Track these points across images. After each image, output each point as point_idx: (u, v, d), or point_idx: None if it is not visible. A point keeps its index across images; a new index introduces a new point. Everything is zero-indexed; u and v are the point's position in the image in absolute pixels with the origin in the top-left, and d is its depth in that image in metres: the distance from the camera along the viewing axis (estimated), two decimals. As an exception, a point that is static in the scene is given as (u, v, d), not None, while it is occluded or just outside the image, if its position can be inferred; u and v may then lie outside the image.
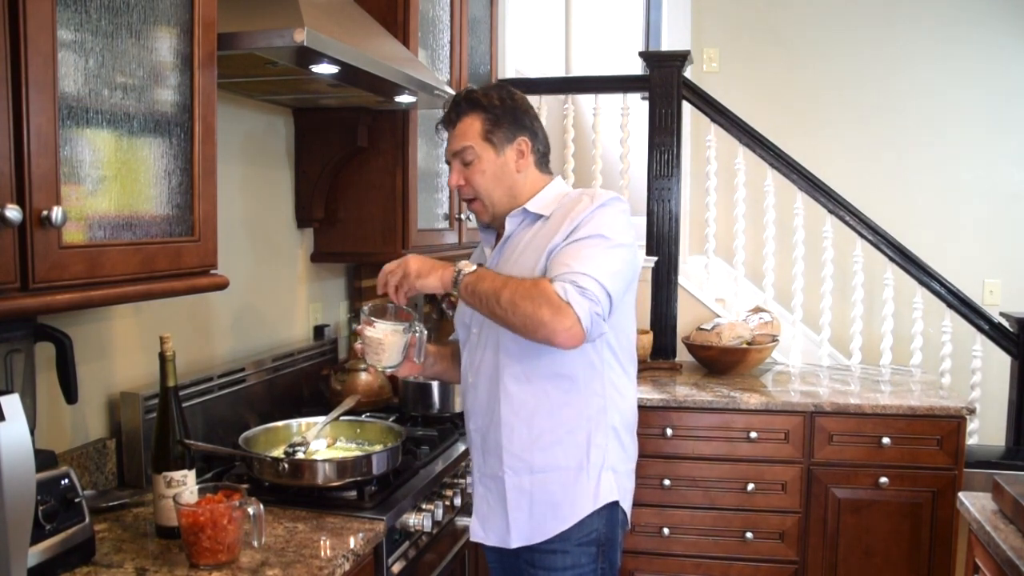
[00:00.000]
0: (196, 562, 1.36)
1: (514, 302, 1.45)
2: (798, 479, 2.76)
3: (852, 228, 3.37)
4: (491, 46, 3.21)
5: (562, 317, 1.43)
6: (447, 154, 1.68)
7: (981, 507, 1.76)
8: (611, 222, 1.54)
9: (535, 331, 1.45)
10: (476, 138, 1.62)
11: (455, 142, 1.64)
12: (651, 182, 3.30)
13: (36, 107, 1.06)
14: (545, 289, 1.45)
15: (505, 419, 1.61)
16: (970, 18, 4.18)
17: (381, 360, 1.60)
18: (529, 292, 1.45)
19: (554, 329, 1.43)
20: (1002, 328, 3.33)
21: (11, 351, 1.32)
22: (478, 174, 1.62)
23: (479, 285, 1.51)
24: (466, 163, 1.63)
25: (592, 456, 1.61)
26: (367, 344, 1.59)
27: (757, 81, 4.34)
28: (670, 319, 3.32)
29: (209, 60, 1.42)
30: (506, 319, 1.48)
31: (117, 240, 1.24)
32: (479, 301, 1.51)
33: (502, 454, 1.62)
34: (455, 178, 1.65)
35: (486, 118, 1.62)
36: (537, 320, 1.44)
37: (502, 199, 1.65)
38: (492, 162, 1.63)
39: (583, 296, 1.44)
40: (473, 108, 1.63)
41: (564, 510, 1.60)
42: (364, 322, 1.58)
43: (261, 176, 2.29)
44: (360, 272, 2.78)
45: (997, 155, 4.21)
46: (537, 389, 1.59)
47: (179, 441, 1.51)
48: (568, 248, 1.52)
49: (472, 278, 1.52)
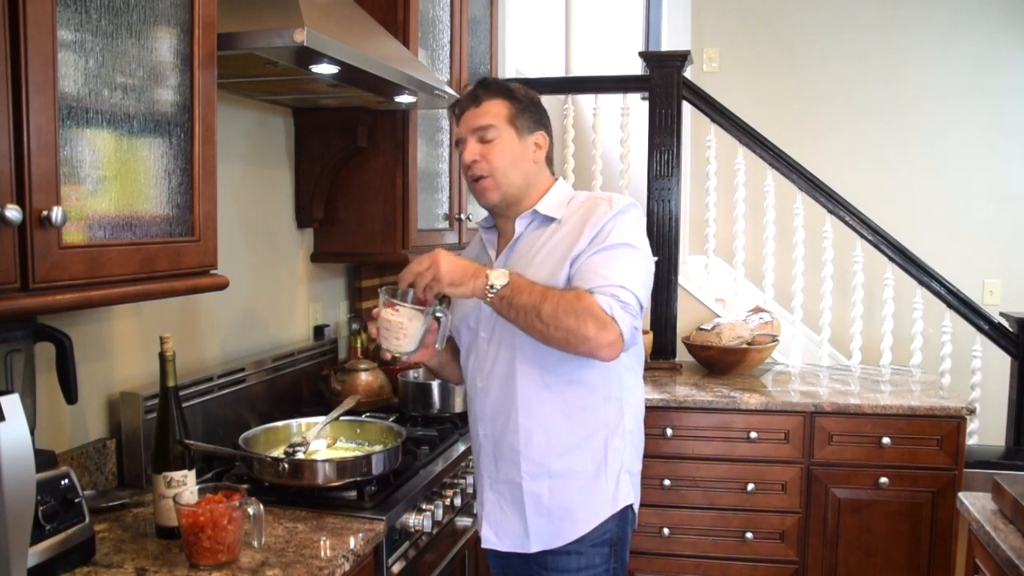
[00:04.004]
0: (196, 562, 1.36)
1: (557, 316, 1.43)
2: (798, 479, 2.76)
3: (852, 228, 3.37)
4: (491, 46, 3.21)
5: (607, 332, 1.44)
6: (463, 131, 1.63)
7: (981, 507, 1.76)
8: (634, 230, 1.56)
9: (577, 346, 1.45)
10: (501, 120, 1.61)
11: (477, 119, 1.61)
12: (651, 182, 3.30)
13: (36, 107, 1.05)
14: (590, 304, 1.44)
15: (523, 425, 1.59)
16: (969, 20, 4.19)
17: (401, 344, 1.52)
18: (573, 307, 1.44)
19: (599, 344, 1.44)
20: (1002, 328, 3.33)
21: (11, 351, 1.32)
22: (498, 152, 1.60)
23: (517, 298, 1.46)
24: (485, 141, 1.60)
25: (610, 460, 1.61)
26: (385, 327, 1.51)
27: (757, 81, 4.35)
28: (670, 319, 3.31)
29: (209, 60, 1.42)
30: (545, 333, 1.45)
31: (117, 240, 1.24)
32: (515, 313, 1.47)
33: (519, 460, 1.61)
34: (471, 152, 1.60)
35: (512, 104, 1.63)
36: (581, 335, 1.43)
37: (515, 182, 1.62)
38: (513, 144, 1.62)
39: (625, 311, 1.46)
40: (500, 93, 1.63)
41: (583, 514, 1.60)
42: (384, 304, 1.51)
43: (261, 176, 2.29)
44: (360, 272, 2.78)
45: (997, 155, 4.21)
46: (555, 395, 1.58)
47: (179, 441, 1.51)
48: (598, 257, 1.51)
49: (508, 291, 1.46)
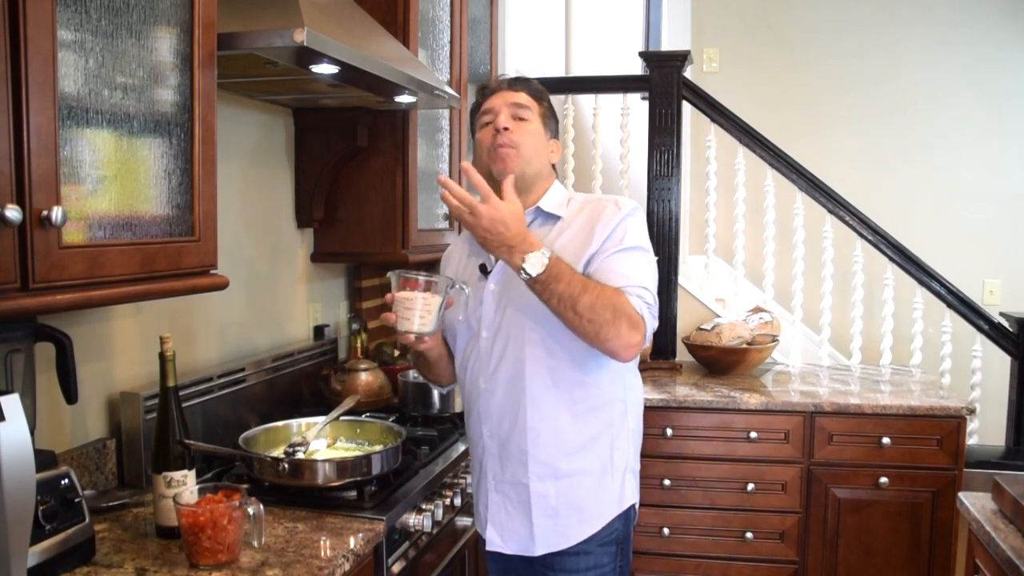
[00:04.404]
0: (196, 562, 1.36)
1: (595, 310, 1.44)
2: (798, 479, 2.76)
3: (852, 228, 3.37)
4: (491, 46, 3.21)
5: (636, 333, 1.47)
6: (497, 103, 1.62)
7: (981, 507, 1.76)
8: (643, 233, 1.60)
9: (605, 340, 1.46)
10: (535, 110, 1.64)
11: (517, 97, 1.62)
12: (651, 182, 3.30)
13: (36, 107, 1.05)
14: (626, 303, 1.47)
15: (531, 425, 1.59)
16: (970, 19, 4.19)
17: (425, 324, 1.50)
18: (611, 303, 1.45)
19: (626, 344, 1.46)
20: (1002, 328, 3.33)
21: (11, 351, 1.32)
22: (529, 133, 1.61)
23: (555, 285, 1.43)
24: (519, 118, 1.61)
25: (615, 460, 1.63)
26: (406, 307, 1.49)
27: (757, 81, 4.35)
28: (670, 319, 3.31)
29: (209, 60, 1.42)
30: (576, 322, 1.45)
31: (117, 240, 1.24)
32: (549, 297, 1.45)
33: (527, 460, 1.61)
34: (506, 118, 1.59)
35: (545, 106, 1.67)
36: (612, 331, 1.45)
37: (535, 166, 1.63)
38: (541, 135, 1.65)
39: (650, 313, 1.50)
40: (536, 93, 1.66)
41: (590, 515, 1.61)
42: (404, 284, 1.50)
43: (261, 176, 2.29)
44: (360, 272, 2.78)
45: (997, 155, 4.21)
46: (564, 394, 1.59)
47: (179, 441, 1.51)
48: (616, 258, 1.53)
49: (545, 277, 1.43)
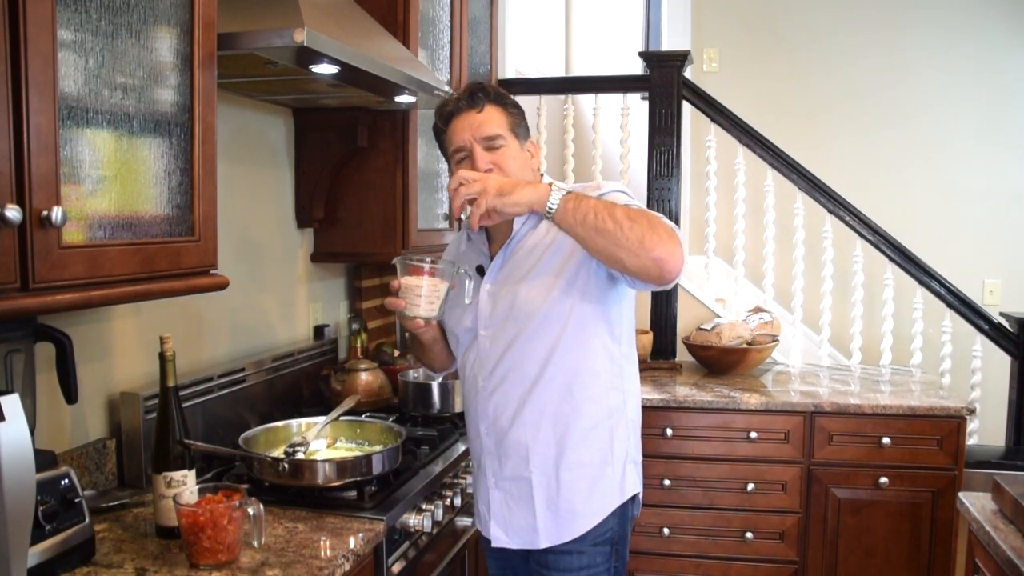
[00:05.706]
0: (196, 562, 1.36)
1: (631, 217, 1.39)
2: (798, 479, 2.76)
3: (852, 228, 3.37)
4: (491, 46, 3.21)
5: (675, 241, 1.41)
6: (466, 138, 1.60)
7: (981, 507, 1.76)
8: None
9: (651, 249, 1.38)
10: (504, 128, 1.61)
11: (485, 127, 1.59)
12: (651, 182, 3.30)
13: (36, 107, 1.05)
14: (654, 215, 1.42)
15: (530, 419, 1.60)
16: (970, 21, 4.18)
17: (432, 308, 1.53)
18: (642, 212, 1.42)
19: (672, 251, 1.39)
20: (1002, 328, 3.33)
21: (11, 351, 1.32)
22: (510, 159, 1.60)
23: (585, 201, 1.41)
24: (494, 149, 1.59)
25: (616, 450, 1.63)
26: (415, 292, 1.51)
27: (757, 81, 4.34)
28: (670, 319, 3.31)
29: (209, 60, 1.42)
30: (617, 236, 1.38)
31: (117, 240, 1.24)
32: (584, 214, 1.40)
33: (527, 455, 1.61)
34: (484, 160, 1.58)
35: (510, 112, 1.64)
36: (656, 237, 1.38)
37: None
38: (518, 152, 1.63)
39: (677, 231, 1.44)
40: (498, 101, 1.63)
41: (592, 506, 1.61)
42: (411, 270, 1.51)
43: (261, 176, 2.29)
44: (360, 272, 2.78)
45: (997, 156, 4.21)
46: (561, 386, 1.59)
47: (179, 441, 1.51)
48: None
49: (573, 196, 1.41)
